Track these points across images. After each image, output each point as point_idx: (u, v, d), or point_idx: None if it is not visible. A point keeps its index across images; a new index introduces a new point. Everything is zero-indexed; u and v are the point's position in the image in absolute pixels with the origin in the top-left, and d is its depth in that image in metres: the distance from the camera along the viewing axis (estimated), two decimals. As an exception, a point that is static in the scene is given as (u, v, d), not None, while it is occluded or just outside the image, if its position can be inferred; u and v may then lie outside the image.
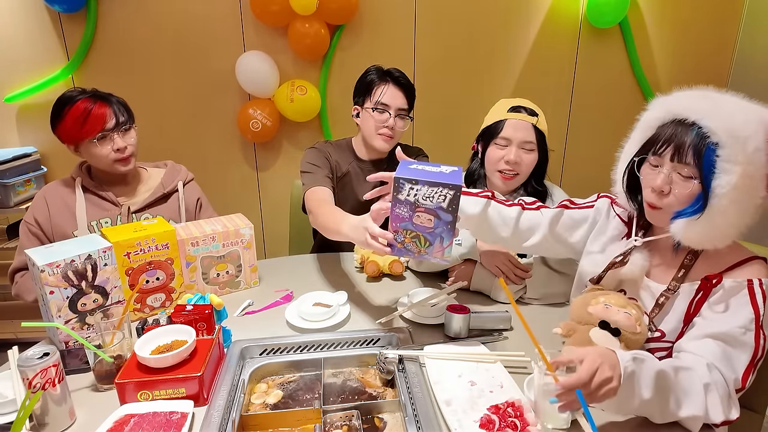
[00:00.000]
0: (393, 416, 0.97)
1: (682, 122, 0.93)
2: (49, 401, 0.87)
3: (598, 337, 1.00)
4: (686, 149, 0.90)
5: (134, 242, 1.21)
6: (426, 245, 1.02)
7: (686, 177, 0.92)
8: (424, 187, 0.97)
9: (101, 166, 1.46)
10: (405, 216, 1.00)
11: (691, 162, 0.90)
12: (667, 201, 0.95)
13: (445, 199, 0.97)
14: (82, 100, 1.40)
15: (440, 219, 0.99)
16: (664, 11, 2.57)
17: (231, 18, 2.45)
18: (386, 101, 1.58)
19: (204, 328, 1.07)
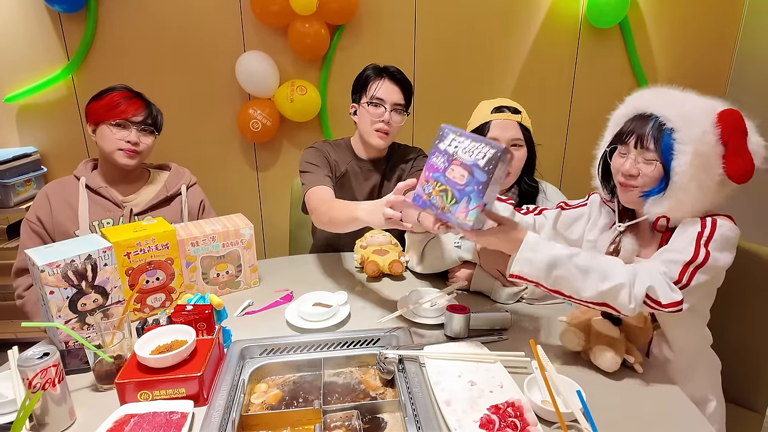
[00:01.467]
0: (393, 416, 0.97)
1: (643, 115, 1.08)
2: (49, 401, 0.87)
3: (600, 324, 1.07)
4: (647, 136, 1.06)
5: (134, 242, 1.21)
6: (452, 202, 0.97)
7: (649, 160, 1.06)
8: (467, 140, 0.97)
9: (106, 151, 1.47)
10: (440, 166, 0.99)
11: (652, 147, 1.05)
12: (637, 182, 1.09)
13: (484, 157, 0.94)
14: (123, 92, 1.50)
15: (473, 177, 0.95)
16: (664, 11, 2.57)
17: (231, 18, 2.45)
18: (381, 95, 1.58)
19: (204, 328, 1.07)
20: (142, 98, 1.52)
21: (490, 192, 0.96)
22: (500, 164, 0.94)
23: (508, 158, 0.97)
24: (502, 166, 0.96)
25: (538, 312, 1.30)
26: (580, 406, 0.86)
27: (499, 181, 0.99)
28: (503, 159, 0.94)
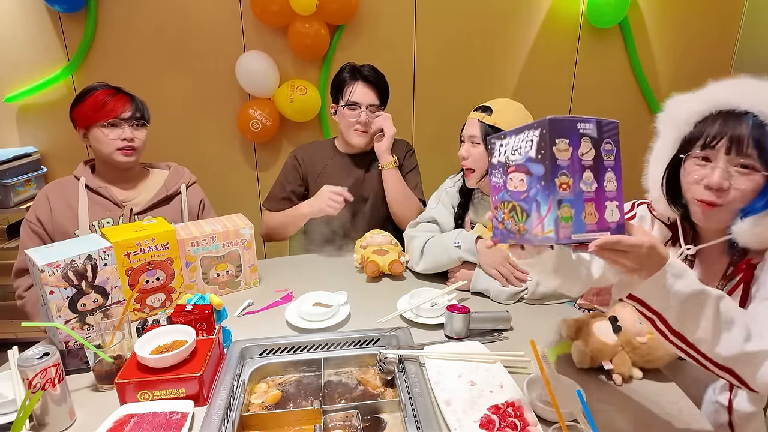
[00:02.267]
0: (393, 416, 0.97)
1: (733, 112, 0.88)
2: (49, 401, 0.87)
3: (600, 328, 1.04)
4: (745, 140, 0.85)
5: (134, 242, 1.21)
6: (524, 219, 0.77)
7: (748, 170, 0.86)
8: (512, 137, 0.79)
9: (104, 154, 1.47)
10: (500, 184, 0.83)
11: (752, 153, 0.85)
12: (729, 197, 0.88)
13: (532, 145, 0.74)
14: (105, 90, 1.47)
15: (532, 175, 0.74)
16: (664, 11, 2.57)
17: (231, 18, 2.45)
18: (356, 99, 1.65)
19: (204, 328, 1.07)
20: (125, 93, 1.50)
21: (581, 184, 0.72)
22: (559, 141, 0.71)
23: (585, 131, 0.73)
24: (578, 140, 0.72)
25: (538, 312, 1.30)
26: (580, 406, 0.86)
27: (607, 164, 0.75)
28: (563, 134, 0.71)
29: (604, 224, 0.73)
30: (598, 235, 0.72)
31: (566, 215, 0.72)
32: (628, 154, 0.99)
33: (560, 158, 0.72)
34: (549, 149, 0.71)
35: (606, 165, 0.74)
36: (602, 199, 0.74)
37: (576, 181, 0.72)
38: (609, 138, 0.75)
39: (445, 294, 1.29)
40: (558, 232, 0.71)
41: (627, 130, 1.07)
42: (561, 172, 0.71)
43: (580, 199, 0.72)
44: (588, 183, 0.73)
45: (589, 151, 0.73)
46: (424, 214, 1.58)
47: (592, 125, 0.74)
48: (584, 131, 0.73)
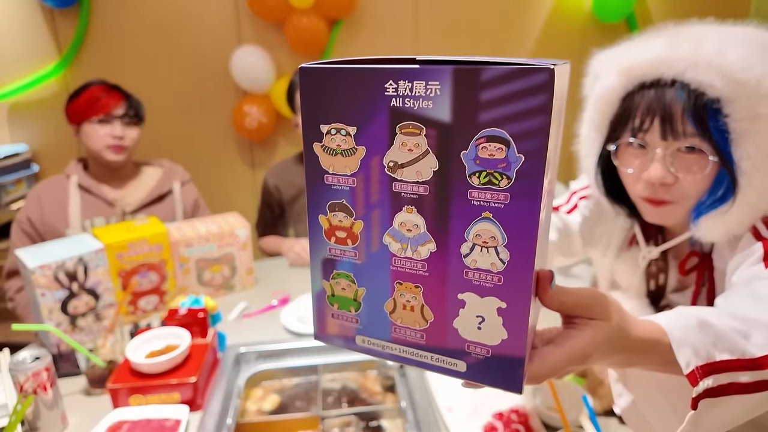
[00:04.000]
0: (393, 422, 0.95)
1: (657, 84, 0.70)
2: (40, 405, 0.86)
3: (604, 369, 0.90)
4: (680, 118, 0.67)
5: (126, 244, 1.18)
6: None
7: (695, 154, 0.68)
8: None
9: (93, 150, 1.45)
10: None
11: (693, 133, 0.67)
12: (677, 191, 0.71)
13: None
14: (100, 86, 1.46)
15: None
16: (671, 5, 2.55)
17: (226, 12, 2.42)
18: (298, 103, 1.67)
19: (198, 331, 1.05)
20: (121, 90, 1.49)
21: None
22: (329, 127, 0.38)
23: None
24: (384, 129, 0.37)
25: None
26: (585, 411, 0.84)
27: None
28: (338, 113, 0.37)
29: None
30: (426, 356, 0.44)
31: (343, 294, 0.46)
32: None
33: (329, 170, 0.40)
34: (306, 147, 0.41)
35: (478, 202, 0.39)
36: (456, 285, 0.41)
37: (372, 228, 0.41)
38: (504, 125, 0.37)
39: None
40: (320, 325, 0.49)
41: None
42: (331, 202, 0.41)
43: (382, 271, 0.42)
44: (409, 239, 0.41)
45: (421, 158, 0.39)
46: None
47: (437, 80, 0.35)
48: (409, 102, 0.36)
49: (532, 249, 0.35)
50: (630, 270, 0.88)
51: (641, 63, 0.71)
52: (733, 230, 0.69)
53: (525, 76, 0.32)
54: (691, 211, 0.73)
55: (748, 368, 0.54)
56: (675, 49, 0.68)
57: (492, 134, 0.34)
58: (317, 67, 0.36)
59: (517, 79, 0.32)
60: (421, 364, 0.41)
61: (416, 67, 0.34)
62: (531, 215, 0.34)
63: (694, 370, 0.52)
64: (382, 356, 0.42)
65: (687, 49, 0.67)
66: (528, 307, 0.36)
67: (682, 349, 0.52)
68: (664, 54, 0.69)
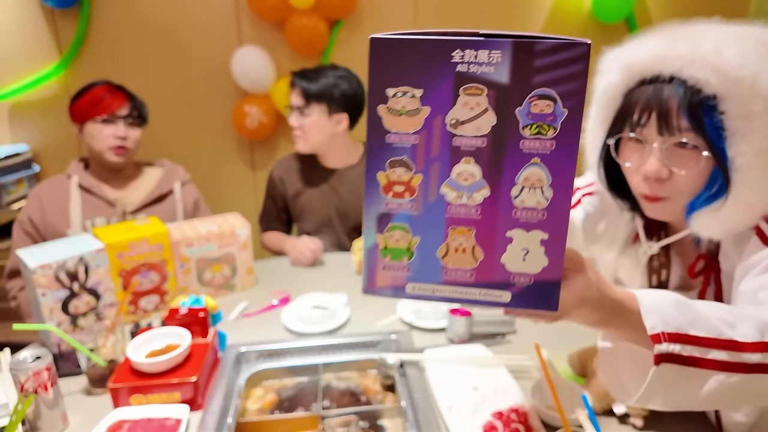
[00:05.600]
0: (393, 422, 0.95)
1: (656, 80, 0.71)
2: (41, 405, 0.86)
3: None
4: (676, 114, 0.68)
5: (127, 243, 1.18)
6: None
7: (689, 150, 0.69)
8: None
9: (96, 150, 1.45)
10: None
11: (688, 129, 0.68)
12: (672, 187, 0.72)
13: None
14: (104, 86, 1.47)
15: None
16: (670, 6, 2.55)
17: (226, 12, 2.42)
18: (291, 102, 1.65)
19: (198, 331, 1.05)
20: (125, 91, 1.50)
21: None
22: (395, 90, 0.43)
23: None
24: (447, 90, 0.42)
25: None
26: (585, 411, 0.84)
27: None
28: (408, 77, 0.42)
29: None
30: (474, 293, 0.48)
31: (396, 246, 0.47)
32: None
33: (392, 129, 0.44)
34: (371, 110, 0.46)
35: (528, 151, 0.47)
36: (505, 223, 0.48)
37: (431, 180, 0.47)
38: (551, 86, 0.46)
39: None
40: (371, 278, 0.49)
41: None
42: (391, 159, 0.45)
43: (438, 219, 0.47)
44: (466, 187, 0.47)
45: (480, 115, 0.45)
46: None
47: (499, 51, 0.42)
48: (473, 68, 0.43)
49: (571, 185, 0.43)
50: (632, 265, 0.89)
51: (641, 60, 0.73)
52: (731, 227, 0.70)
53: (568, 49, 0.40)
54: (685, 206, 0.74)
55: (726, 348, 0.58)
56: (673, 46, 0.70)
57: (543, 93, 0.42)
58: (389, 38, 0.43)
59: (563, 51, 0.40)
60: (468, 301, 0.46)
61: (481, 39, 0.40)
62: (571, 158, 0.43)
63: (659, 334, 0.56)
64: (430, 299, 0.46)
65: (685, 47, 0.69)
66: (566, 235, 0.44)
67: (650, 316, 0.57)
68: (663, 51, 0.70)
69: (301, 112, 1.62)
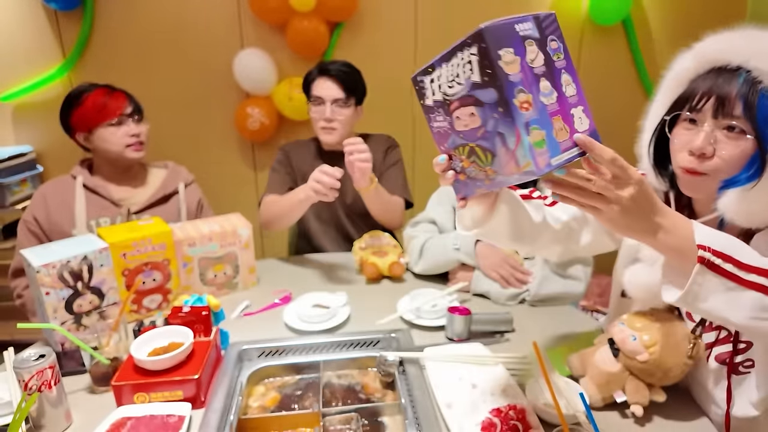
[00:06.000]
0: (393, 419, 0.96)
1: (724, 69, 0.78)
2: (45, 403, 0.87)
3: (601, 356, 0.91)
4: (733, 100, 0.75)
5: (130, 243, 1.19)
6: (489, 160, 0.66)
7: (736, 133, 0.76)
8: (443, 66, 0.66)
9: (113, 152, 1.46)
10: (445, 128, 0.70)
11: (740, 115, 0.75)
12: (712, 164, 0.78)
13: (472, 66, 0.62)
14: (100, 89, 1.46)
15: (483, 105, 0.62)
16: (667, 8, 2.55)
17: (229, 15, 2.44)
18: (319, 94, 1.62)
19: (201, 329, 1.06)
20: (119, 90, 1.49)
21: (541, 98, 0.62)
22: (503, 53, 0.60)
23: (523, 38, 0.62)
24: (522, 46, 0.61)
25: (540, 313, 1.29)
26: (582, 408, 0.85)
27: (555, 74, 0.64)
28: (505, 43, 0.60)
29: None
30: (575, 151, 0.64)
31: (538, 139, 0.61)
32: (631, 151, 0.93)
33: (510, 73, 0.60)
34: (495, 65, 0.59)
35: (558, 67, 0.65)
36: (567, 108, 0.65)
37: (535, 96, 0.61)
38: (552, 34, 0.65)
39: (446, 295, 1.28)
40: (537, 162, 0.61)
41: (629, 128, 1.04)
42: (517, 89, 0.60)
43: (545, 116, 0.62)
44: (547, 94, 0.63)
45: (537, 56, 0.63)
46: (424, 215, 1.56)
47: (530, 23, 0.63)
48: (525, 33, 0.62)
49: (576, 78, 0.67)
50: None
51: (714, 49, 0.81)
52: (753, 211, 0.76)
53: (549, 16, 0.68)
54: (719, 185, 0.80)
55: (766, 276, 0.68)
56: (745, 40, 0.78)
57: (553, 37, 0.67)
58: (496, 24, 0.62)
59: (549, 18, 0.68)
60: (570, 159, 0.65)
61: (523, 16, 0.65)
62: (571, 67, 0.67)
63: (706, 247, 0.68)
64: (559, 167, 0.64)
65: (755, 41, 0.77)
66: (588, 105, 0.68)
67: (701, 232, 0.69)
68: (735, 43, 0.78)
69: (340, 104, 1.63)
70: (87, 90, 1.45)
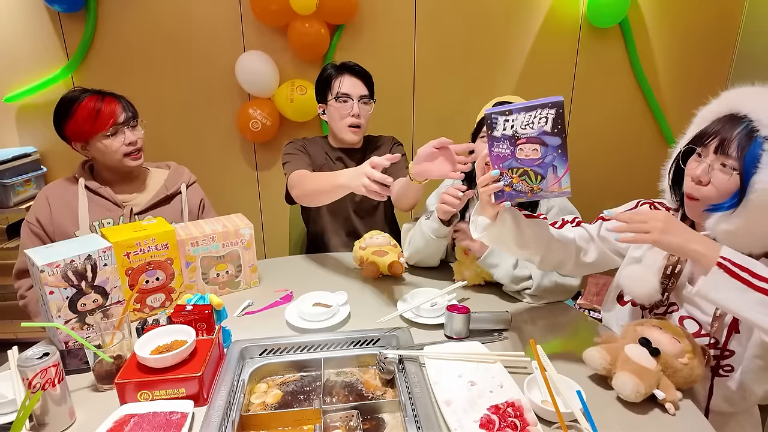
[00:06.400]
0: (393, 416, 0.97)
1: (736, 116, 0.93)
2: (48, 401, 0.87)
3: (633, 352, 0.94)
4: (731, 142, 0.91)
5: (134, 242, 1.21)
6: (538, 180, 0.94)
7: (728, 169, 0.92)
8: (521, 114, 0.92)
9: (111, 161, 1.45)
10: (506, 154, 0.95)
11: (734, 154, 0.91)
12: (705, 191, 0.95)
13: (548, 121, 0.91)
14: (90, 97, 1.41)
15: (547, 146, 0.92)
16: (664, 11, 2.56)
17: (231, 18, 2.45)
18: (346, 90, 1.64)
19: (204, 328, 1.07)
20: (110, 94, 1.45)
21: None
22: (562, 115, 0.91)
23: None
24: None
25: (538, 312, 1.30)
26: (580, 406, 0.86)
27: None
28: (562, 108, 0.91)
29: None
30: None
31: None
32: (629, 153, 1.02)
33: (565, 132, 0.92)
34: (562, 126, 0.91)
35: None
36: None
37: None
38: None
39: (445, 294, 1.29)
40: (570, 188, 0.94)
41: (627, 130, 1.08)
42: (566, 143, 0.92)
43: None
44: None
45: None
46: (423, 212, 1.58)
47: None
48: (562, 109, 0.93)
49: None
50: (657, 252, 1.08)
51: (734, 98, 0.96)
52: (731, 232, 0.92)
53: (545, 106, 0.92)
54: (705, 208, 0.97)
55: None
56: (758, 94, 0.94)
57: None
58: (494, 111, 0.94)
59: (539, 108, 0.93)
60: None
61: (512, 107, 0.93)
62: None
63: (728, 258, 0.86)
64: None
65: (763, 96, 0.93)
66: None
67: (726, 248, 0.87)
68: (749, 94, 0.95)
69: (365, 100, 1.66)
70: (77, 98, 1.40)
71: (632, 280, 1.07)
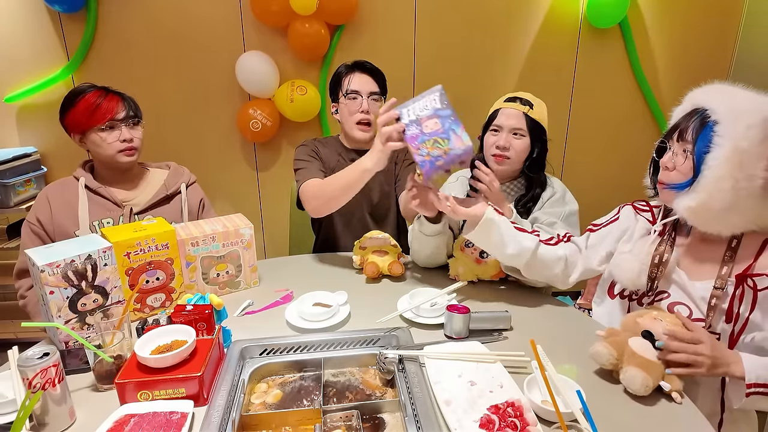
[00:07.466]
0: (393, 416, 0.97)
1: (696, 109, 1.03)
2: (49, 401, 0.87)
3: (638, 345, 0.97)
4: (688, 128, 1.01)
5: (134, 242, 1.21)
6: (446, 143, 1.18)
7: (687, 153, 1.01)
8: (415, 103, 1.23)
9: (105, 156, 1.46)
10: (417, 132, 1.21)
11: (690, 138, 1.01)
12: (673, 176, 1.05)
13: (437, 101, 1.21)
14: (95, 92, 1.45)
15: (442, 116, 1.20)
16: (664, 11, 2.57)
17: (231, 18, 2.45)
18: (356, 87, 1.64)
19: (204, 328, 1.07)
20: (115, 92, 1.48)
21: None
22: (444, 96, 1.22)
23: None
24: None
25: (538, 312, 1.30)
26: (579, 405, 0.86)
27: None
28: (443, 92, 1.22)
29: None
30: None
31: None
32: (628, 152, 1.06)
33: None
34: (447, 101, 1.21)
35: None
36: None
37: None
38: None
39: (445, 294, 1.29)
40: (467, 140, 1.19)
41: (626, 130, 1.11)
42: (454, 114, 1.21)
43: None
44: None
45: None
46: None
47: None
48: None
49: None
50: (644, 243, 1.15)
51: (697, 95, 1.05)
52: (691, 208, 1.01)
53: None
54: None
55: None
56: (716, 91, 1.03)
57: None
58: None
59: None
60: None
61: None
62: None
63: (753, 383, 0.94)
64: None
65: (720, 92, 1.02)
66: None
67: (751, 372, 0.94)
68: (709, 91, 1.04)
69: (375, 97, 1.66)
70: (83, 91, 1.44)
71: (621, 269, 1.14)
